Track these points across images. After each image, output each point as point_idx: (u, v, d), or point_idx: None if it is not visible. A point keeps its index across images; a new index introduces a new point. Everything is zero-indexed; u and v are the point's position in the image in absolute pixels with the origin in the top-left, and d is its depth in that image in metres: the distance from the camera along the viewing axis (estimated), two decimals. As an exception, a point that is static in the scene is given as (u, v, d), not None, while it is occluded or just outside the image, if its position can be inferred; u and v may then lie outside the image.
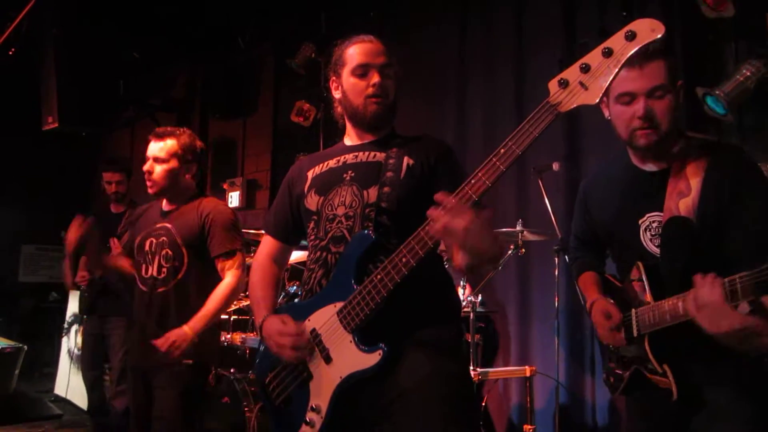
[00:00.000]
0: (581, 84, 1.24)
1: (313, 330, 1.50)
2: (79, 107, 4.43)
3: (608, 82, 1.22)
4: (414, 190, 1.52)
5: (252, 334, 3.37)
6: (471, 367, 2.84)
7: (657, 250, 1.55)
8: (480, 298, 3.02)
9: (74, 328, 5.28)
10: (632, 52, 1.20)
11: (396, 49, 1.71)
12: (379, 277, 1.39)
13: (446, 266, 3.16)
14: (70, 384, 5.23)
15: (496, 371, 3.05)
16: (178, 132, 2.44)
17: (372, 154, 1.63)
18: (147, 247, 2.38)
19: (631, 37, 1.19)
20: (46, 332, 6.24)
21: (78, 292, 3.85)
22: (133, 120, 6.20)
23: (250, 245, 3.85)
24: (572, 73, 1.26)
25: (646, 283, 1.54)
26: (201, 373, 2.36)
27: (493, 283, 3.45)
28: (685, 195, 1.50)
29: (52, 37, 4.20)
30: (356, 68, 1.64)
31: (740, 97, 2.58)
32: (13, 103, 5.17)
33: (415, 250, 1.35)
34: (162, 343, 2.18)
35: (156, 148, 2.39)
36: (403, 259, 1.36)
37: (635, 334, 1.55)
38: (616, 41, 1.21)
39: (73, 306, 5.33)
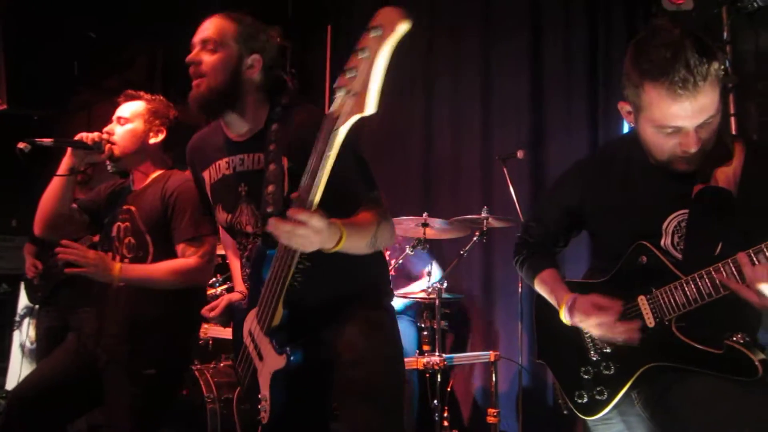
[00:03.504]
0: (350, 93, 1.16)
1: (249, 331, 1.57)
2: (30, 88, 4.23)
3: (374, 87, 1.14)
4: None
5: (213, 325, 3.31)
6: (429, 354, 2.86)
7: (679, 256, 1.39)
8: (445, 284, 3.04)
9: (26, 321, 5.08)
10: (385, 48, 1.12)
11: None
12: (267, 291, 1.43)
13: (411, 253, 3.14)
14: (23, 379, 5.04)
15: (461, 356, 3.08)
16: (150, 97, 2.19)
17: (256, 158, 1.56)
18: (114, 233, 2.10)
19: (376, 32, 1.13)
20: (-4, 325, 5.99)
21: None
22: (90, 103, 5.97)
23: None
24: (342, 80, 1.17)
25: (665, 260, 1.38)
26: (167, 384, 2.04)
27: (459, 269, 3.48)
28: (726, 164, 1.37)
29: None
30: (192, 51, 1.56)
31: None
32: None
33: (284, 268, 1.36)
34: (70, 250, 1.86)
35: (121, 109, 2.14)
36: (281, 274, 1.38)
37: (651, 323, 1.38)
38: (366, 39, 1.14)
39: (25, 298, 5.13)
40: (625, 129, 2.80)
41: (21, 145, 1.96)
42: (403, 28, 1.12)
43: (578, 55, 3.29)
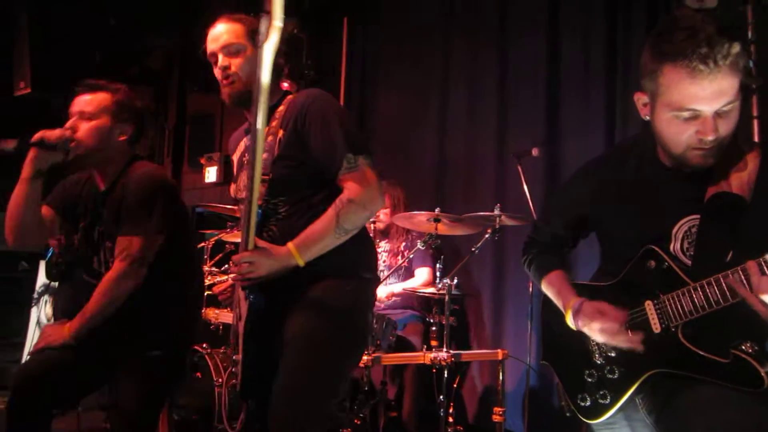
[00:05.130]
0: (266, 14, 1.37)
1: (237, 296, 1.71)
2: (53, 73, 4.30)
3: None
4: (287, 155, 1.64)
5: (226, 311, 3.34)
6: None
7: (688, 262, 1.37)
8: (456, 281, 3.03)
9: (44, 298, 5.19)
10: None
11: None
12: (242, 241, 1.56)
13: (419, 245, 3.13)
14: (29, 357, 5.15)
15: (469, 353, 3.07)
16: (113, 87, 2.03)
17: None
18: (95, 238, 2.06)
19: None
20: (15, 302, 6.12)
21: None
22: (109, 90, 6.05)
23: (227, 221, 3.80)
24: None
25: (673, 265, 1.36)
26: (172, 365, 2.06)
27: (469, 266, 3.47)
28: (740, 170, 1.34)
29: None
30: (210, 58, 1.74)
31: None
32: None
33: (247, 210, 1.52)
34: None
35: (82, 101, 1.97)
36: (247, 217, 1.53)
37: (657, 329, 1.37)
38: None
39: (43, 276, 5.24)
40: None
41: None
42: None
43: (596, 53, 3.23)
